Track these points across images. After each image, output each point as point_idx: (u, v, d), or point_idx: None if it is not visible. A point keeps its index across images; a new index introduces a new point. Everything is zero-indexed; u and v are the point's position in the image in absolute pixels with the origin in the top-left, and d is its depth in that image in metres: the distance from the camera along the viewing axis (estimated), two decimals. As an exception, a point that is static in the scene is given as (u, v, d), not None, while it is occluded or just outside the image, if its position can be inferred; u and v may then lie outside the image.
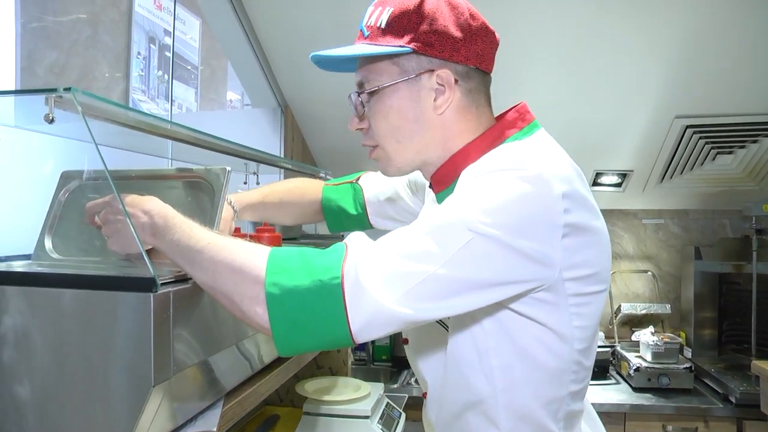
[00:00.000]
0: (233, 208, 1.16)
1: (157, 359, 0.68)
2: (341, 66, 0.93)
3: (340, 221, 1.31)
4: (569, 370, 0.82)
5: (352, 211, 1.28)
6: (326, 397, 1.66)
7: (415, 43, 0.83)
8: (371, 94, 0.88)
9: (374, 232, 0.80)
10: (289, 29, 1.97)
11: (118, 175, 0.97)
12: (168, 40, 2.86)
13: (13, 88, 2.33)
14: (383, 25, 0.85)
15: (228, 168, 0.95)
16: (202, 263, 0.75)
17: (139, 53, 2.76)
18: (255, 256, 0.74)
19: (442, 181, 0.92)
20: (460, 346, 0.84)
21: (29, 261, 0.90)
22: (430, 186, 0.97)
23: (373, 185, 1.29)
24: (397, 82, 0.86)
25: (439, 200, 0.94)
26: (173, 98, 3.17)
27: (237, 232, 1.27)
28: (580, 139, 2.35)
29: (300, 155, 2.43)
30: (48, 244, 0.93)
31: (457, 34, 0.84)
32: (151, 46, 2.88)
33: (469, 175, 0.78)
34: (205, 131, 1.14)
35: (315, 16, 1.95)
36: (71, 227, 0.93)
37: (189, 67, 3.21)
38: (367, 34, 0.88)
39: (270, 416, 1.74)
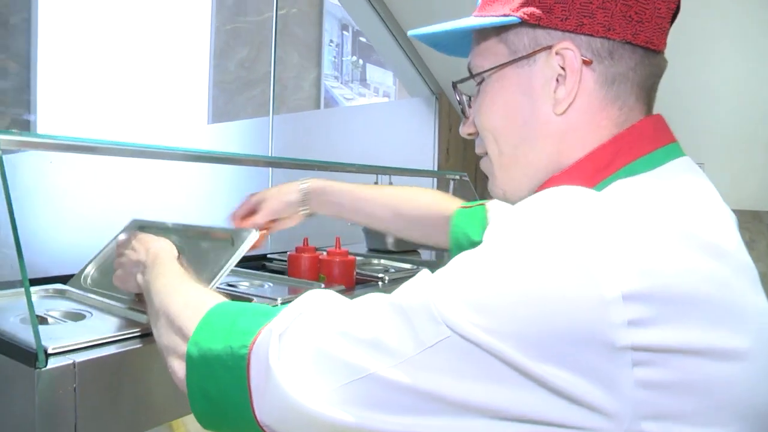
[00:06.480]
0: (301, 190, 1.03)
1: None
2: (460, 50, 0.70)
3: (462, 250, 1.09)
4: None
5: (476, 238, 1.03)
6: None
7: (526, 8, 0.59)
8: (478, 84, 0.65)
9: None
10: (430, 13, 1.79)
11: (161, 226, 1.00)
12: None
13: (206, 84, 2.59)
14: None
15: (255, 230, 0.92)
16: (152, 306, 0.69)
17: (331, 41, 2.84)
18: (193, 308, 0.64)
19: None
20: None
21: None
22: None
23: (501, 208, 1.02)
24: (501, 67, 0.62)
25: None
26: (368, 82, 3.21)
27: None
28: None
29: (461, 145, 2.21)
30: (86, 272, 0.99)
31: None
32: (344, 33, 2.93)
33: (493, 229, 0.54)
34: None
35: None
36: (109, 263, 0.98)
37: (384, 51, 3.19)
38: (478, 2, 0.66)
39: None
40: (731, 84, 1.70)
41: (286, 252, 1.26)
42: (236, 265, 0.95)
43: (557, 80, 0.58)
